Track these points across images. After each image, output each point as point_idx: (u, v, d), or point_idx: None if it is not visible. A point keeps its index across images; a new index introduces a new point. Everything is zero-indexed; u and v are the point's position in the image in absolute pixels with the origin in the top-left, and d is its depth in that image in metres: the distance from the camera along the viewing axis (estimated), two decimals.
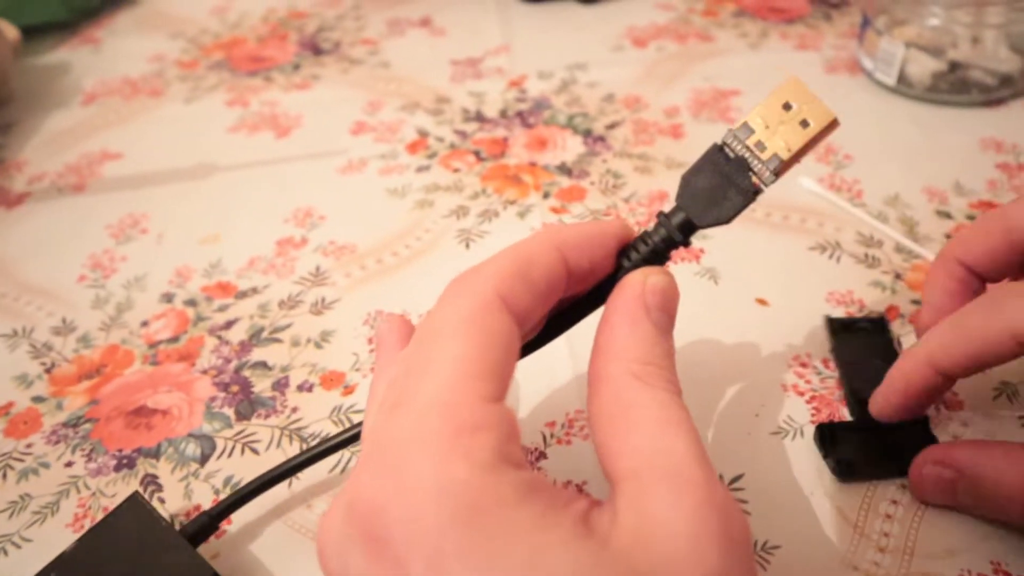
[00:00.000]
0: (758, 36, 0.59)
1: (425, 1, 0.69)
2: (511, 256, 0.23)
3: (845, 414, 0.33)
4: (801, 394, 0.34)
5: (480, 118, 0.53)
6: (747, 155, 0.24)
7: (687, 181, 0.25)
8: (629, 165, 0.48)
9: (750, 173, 0.24)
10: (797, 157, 0.24)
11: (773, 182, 0.24)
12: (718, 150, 0.25)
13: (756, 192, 0.24)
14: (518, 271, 0.23)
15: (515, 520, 0.18)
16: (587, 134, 0.50)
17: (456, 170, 0.48)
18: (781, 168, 0.24)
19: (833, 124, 0.24)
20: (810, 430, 0.33)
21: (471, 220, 0.45)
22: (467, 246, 0.43)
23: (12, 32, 0.60)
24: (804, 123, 0.24)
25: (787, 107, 0.24)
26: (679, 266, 0.40)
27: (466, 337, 0.21)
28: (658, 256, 0.26)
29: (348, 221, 0.46)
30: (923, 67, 0.50)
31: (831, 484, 0.31)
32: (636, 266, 0.25)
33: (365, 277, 0.42)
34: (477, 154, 0.49)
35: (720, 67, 0.56)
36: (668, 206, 0.44)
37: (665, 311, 0.24)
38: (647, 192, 0.45)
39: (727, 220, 0.25)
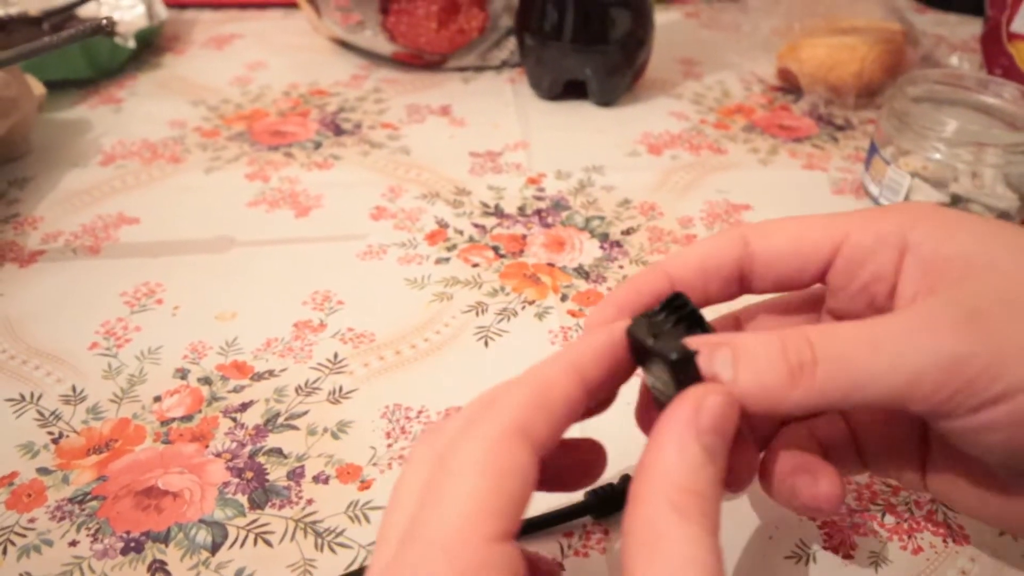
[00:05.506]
0: (768, 152, 0.62)
1: (444, 89, 0.71)
2: (531, 384, 0.24)
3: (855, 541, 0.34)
4: (814, 518, 0.35)
5: (499, 213, 0.54)
6: None
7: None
8: None
9: None
10: None
11: None
12: None
13: None
14: (538, 400, 0.23)
15: None
16: (604, 238, 0.51)
17: (475, 265, 0.49)
18: None
19: None
20: (822, 556, 0.33)
21: (490, 318, 0.45)
22: (486, 344, 0.43)
23: (39, 88, 0.61)
24: None
25: None
26: None
27: (482, 473, 0.21)
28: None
29: (366, 308, 0.46)
30: (927, 197, 0.52)
31: None
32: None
33: (383, 368, 0.42)
34: (496, 250, 0.50)
35: (732, 180, 0.58)
36: None
37: (718, 433, 0.23)
38: None
39: None
